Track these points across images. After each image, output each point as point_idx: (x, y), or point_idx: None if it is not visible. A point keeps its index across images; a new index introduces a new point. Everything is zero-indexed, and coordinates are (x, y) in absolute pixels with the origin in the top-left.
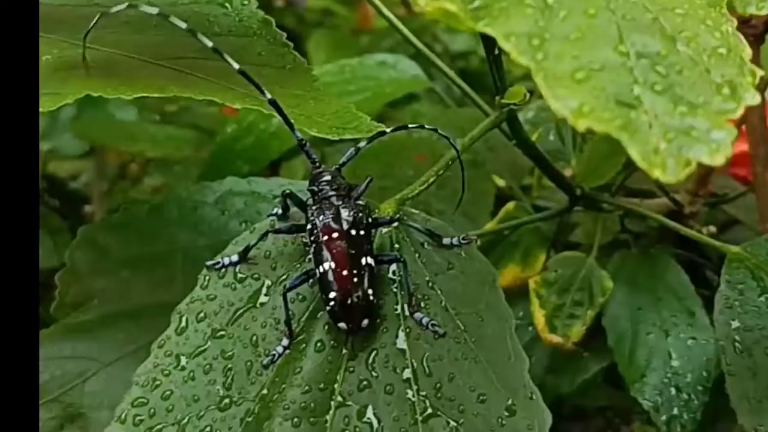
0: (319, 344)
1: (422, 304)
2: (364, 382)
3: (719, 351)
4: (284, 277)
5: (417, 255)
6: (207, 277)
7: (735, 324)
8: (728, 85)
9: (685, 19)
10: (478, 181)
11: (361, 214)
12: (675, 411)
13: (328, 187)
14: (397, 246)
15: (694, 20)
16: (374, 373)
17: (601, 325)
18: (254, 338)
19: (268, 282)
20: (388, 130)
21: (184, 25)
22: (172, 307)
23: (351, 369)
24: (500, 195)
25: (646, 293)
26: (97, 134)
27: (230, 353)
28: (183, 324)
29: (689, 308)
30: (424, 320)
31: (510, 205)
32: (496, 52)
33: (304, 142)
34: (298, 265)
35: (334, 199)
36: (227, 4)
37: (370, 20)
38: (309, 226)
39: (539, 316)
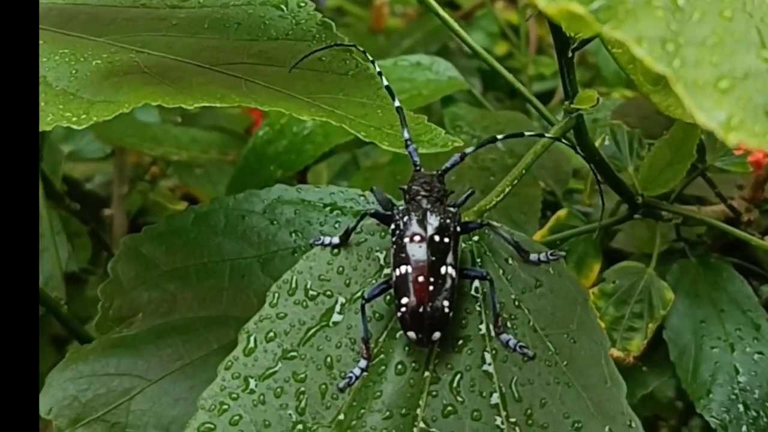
0: (399, 366)
1: (509, 324)
2: (449, 408)
3: None
4: (359, 294)
5: (502, 271)
6: (276, 295)
7: None
8: None
9: None
10: (525, 187)
11: (448, 221)
12: (744, 429)
13: (420, 190)
14: (479, 261)
15: None
16: (459, 398)
17: (661, 338)
18: (328, 359)
19: (341, 299)
20: (499, 137)
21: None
22: (221, 321)
23: (434, 393)
24: (544, 200)
25: (708, 305)
26: (120, 137)
27: (303, 375)
28: (251, 344)
29: (754, 321)
30: (511, 342)
31: (562, 213)
32: (569, 54)
33: (409, 142)
34: (374, 282)
35: (424, 202)
36: (283, 6)
37: (384, 20)
38: (392, 226)
39: None
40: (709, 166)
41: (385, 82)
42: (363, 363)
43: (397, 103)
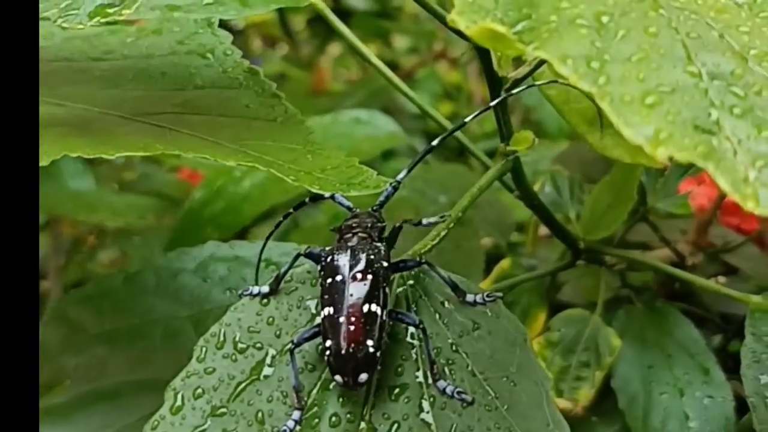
0: (333, 418)
1: (446, 370)
2: None
3: (750, 408)
4: (290, 345)
5: (438, 315)
6: (204, 349)
7: (765, 379)
8: None
9: (751, 36)
10: (466, 240)
11: (373, 257)
12: None
13: (351, 227)
14: (413, 307)
15: (761, 38)
16: None
17: (610, 387)
18: (260, 414)
19: (272, 351)
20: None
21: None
22: (153, 384)
23: None
24: (487, 253)
25: (656, 350)
26: (54, 206)
27: None
28: (179, 402)
29: (702, 365)
30: (449, 389)
31: (505, 263)
32: (502, 95)
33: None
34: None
35: (352, 239)
36: (209, 55)
37: (325, 82)
38: (319, 267)
39: None
40: (650, 209)
41: None
42: (296, 414)
43: None
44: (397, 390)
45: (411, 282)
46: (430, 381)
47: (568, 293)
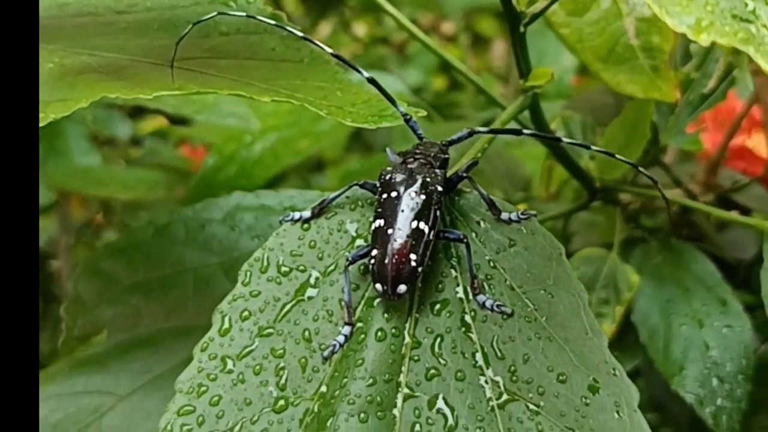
0: (379, 333)
1: (486, 285)
2: (432, 371)
3: None
4: (332, 267)
5: (474, 234)
6: (248, 273)
7: None
8: None
9: None
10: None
11: (430, 180)
12: (719, 402)
13: (415, 153)
14: (450, 227)
15: None
16: (442, 360)
17: (630, 322)
18: (306, 333)
19: (315, 273)
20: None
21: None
22: (188, 330)
23: (416, 358)
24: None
25: (673, 285)
26: (63, 181)
27: (281, 351)
28: (226, 324)
29: (720, 296)
30: (488, 302)
31: (521, 206)
32: (522, 30)
33: (408, 116)
34: (347, 253)
35: (411, 161)
36: (231, 3)
37: None
38: (378, 183)
39: None
40: (663, 147)
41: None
42: (346, 329)
43: (366, 75)
44: (438, 305)
45: (446, 204)
46: (471, 296)
47: (582, 237)
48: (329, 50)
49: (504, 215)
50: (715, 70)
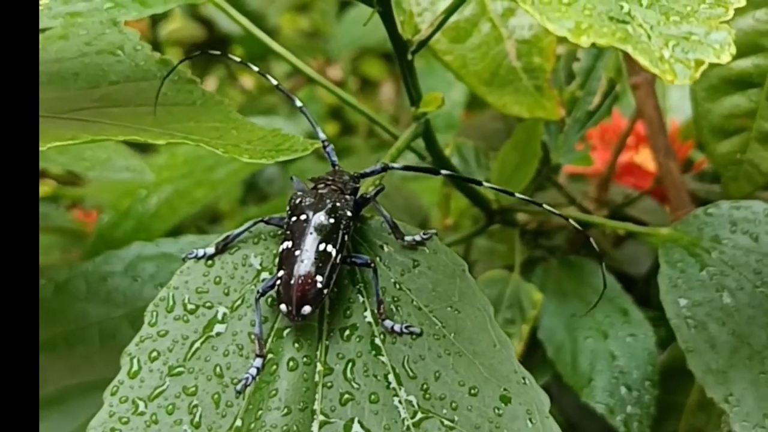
0: (291, 363)
1: (393, 307)
2: (346, 395)
3: (674, 330)
4: (239, 301)
5: (378, 258)
6: (155, 313)
7: (683, 302)
8: None
9: None
10: None
11: (339, 205)
12: (629, 409)
13: (327, 179)
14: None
15: None
16: (355, 385)
17: (536, 341)
18: (218, 369)
19: (222, 309)
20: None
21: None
22: (97, 385)
23: (329, 384)
24: None
25: (576, 300)
26: None
27: (193, 388)
28: (135, 366)
29: (621, 307)
30: (396, 327)
31: None
32: (409, 57)
33: (326, 142)
34: (253, 287)
35: (322, 187)
36: (119, 52)
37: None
38: (287, 207)
39: None
40: (554, 165)
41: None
42: (258, 362)
43: (299, 104)
44: (348, 331)
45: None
46: (379, 321)
47: (484, 264)
48: (274, 81)
49: (407, 238)
50: (599, 87)
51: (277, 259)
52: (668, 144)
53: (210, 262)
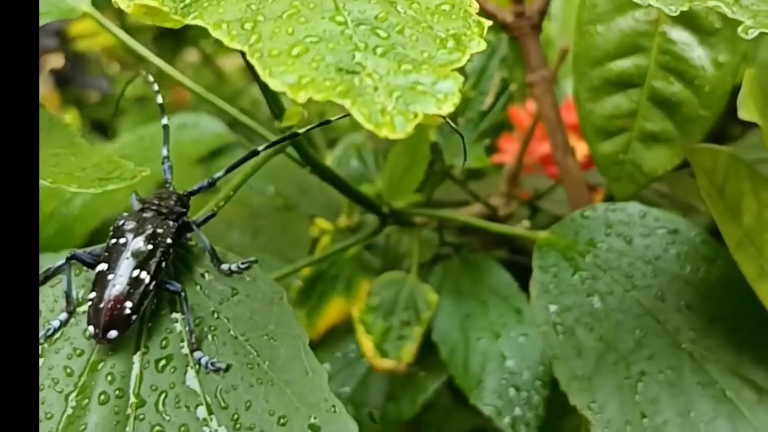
0: (102, 396)
1: (210, 336)
2: (157, 428)
3: (542, 337)
4: (58, 335)
5: (199, 287)
6: None
7: (553, 307)
8: (453, 38)
9: None
10: (293, 224)
11: (160, 231)
12: (517, 411)
13: (153, 202)
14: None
15: None
16: (166, 416)
17: (434, 341)
18: None
19: (41, 342)
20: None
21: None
22: None
23: (141, 416)
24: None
25: (471, 299)
26: None
27: None
28: None
29: (515, 306)
30: (203, 360)
31: (325, 239)
32: None
33: (166, 160)
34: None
35: (147, 211)
36: None
37: (186, 98)
38: (111, 228)
39: (366, 343)
40: (449, 166)
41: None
42: (63, 315)
43: (165, 121)
44: (163, 362)
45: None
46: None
47: (391, 259)
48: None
49: (224, 266)
50: (491, 87)
51: (93, 281)
52: (566, 141)
53: None
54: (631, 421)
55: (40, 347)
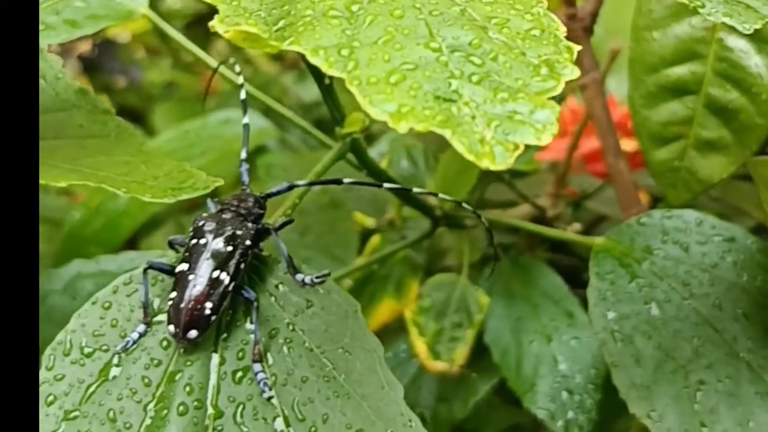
0: (181, 407)
1: (285, 349)
2: None
3: (601, 344)
4: (134, 344)
5: (274, 298)
6: (52, 357)
7: (611, 315)
8: (546, 65)
9: (493, 6)
10: (340, 222)
11: (240, 233)
12: (570, 415)
13: (231, 203)
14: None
15: (503, 6)
16: (244, 428)
17: (486, 344)
18: (111, 413)
19: None
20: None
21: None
22: None
23: (219, 428)
24: (370, 233)
25: (522, 302)
26: None
27: None
28: None
29: (567, 309)
30: (260, 375)
31: (375, 239)
32: (327, 81)
33: (243, 162)
34: (149, 329)
35: (226, 213)
36: (42, 80)
37: (213, 84)
38: (190, 228)
39: (420, 345)
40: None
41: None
42: (141, 327)
43: (246, 120)
44: (240, 373)
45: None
46: (257, 359)
47: (444, 259)
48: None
49: (299, 276)
50: None
51: (173, 281)
52: (617, 143)
53: (107, 304)
54: (690, 430)
55: (116, 357)
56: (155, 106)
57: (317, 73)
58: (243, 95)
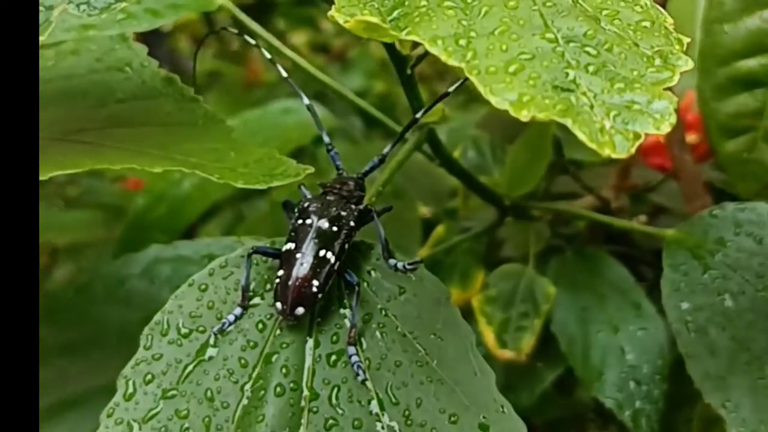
0: (278, 388)
1: (378, 334)
2: (330, 421)
3: (675, 335)
4: (231, 326)
5: (366, 284)
6: (150, 337)
7: (685, 305)
8: (659, 56)
9: None
10: (403, 212)
11: (344, 214)
12: (638, 404)
13: (333, 187)
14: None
15: None
16: (339, 410)
17: (551, 333)
18: (209, 393)
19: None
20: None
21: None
22: (114, 389)
23: (315, 409)
24: (428, 222)
25: (588, 293)
26: None
27: (185, 412)
28: (130, 389)
29: (634, 300)
30: (353, 358)
31: (440, 229)
32: (408, 72)
33: (330, 147)
34: (244, 312)
35: (329, 195)
36: (127, 68)
37: (259, 74)
38: (295, 210)
39: (488, 334)
40: (568, 160)
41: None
42: (238, 310)
43: (306, 101)
44: (334, 357)
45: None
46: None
47: (507, 249)
48: (284, 74)
49: (392, 261)
50: None
51: (280, 260)
52: (683, 137)
53: (204, 286)
54: (765, 421)
55: (213, 338)
56: (204, 96)
57: (399, 64)
58: (297, 90)
